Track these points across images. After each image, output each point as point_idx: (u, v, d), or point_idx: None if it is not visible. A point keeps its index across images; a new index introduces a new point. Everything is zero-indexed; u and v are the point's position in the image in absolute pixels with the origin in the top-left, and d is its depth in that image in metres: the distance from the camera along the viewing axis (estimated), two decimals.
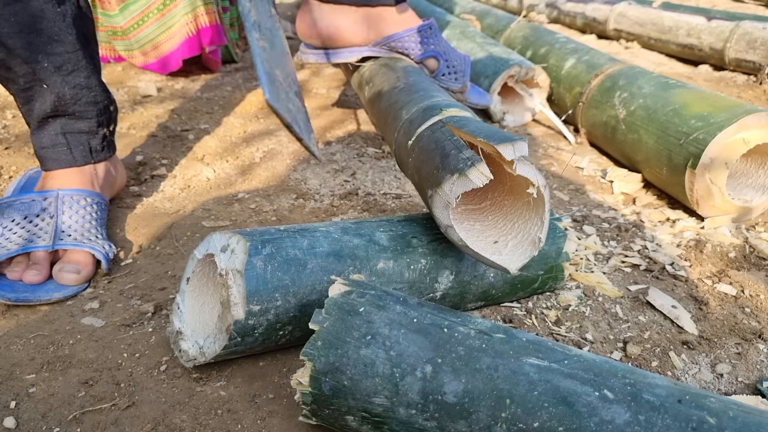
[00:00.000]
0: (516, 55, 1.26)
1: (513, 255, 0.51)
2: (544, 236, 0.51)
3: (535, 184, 0.49)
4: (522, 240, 0.52)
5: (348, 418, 0.41)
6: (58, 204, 0.68)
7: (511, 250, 0.51)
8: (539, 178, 0.49)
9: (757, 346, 0.57)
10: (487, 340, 0.40)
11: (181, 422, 0.47)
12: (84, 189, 0.72)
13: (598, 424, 0.35)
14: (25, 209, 0.68)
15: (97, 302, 0.62)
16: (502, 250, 0.51)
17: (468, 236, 0.51)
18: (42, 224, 0.67)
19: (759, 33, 1.48)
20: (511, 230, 0.53)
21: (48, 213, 0.68)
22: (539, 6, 2.50)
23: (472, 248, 0.50)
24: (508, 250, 0.51)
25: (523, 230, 0.52)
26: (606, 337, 0.59)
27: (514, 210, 0.54)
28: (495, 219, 0.55)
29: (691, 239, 0.77)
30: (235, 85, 1.47)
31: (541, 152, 1.07)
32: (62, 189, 0.70)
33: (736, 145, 0.76)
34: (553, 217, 0.62)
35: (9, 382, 0.51)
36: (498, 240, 0.52)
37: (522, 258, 0.51)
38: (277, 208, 0.83)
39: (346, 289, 0.44)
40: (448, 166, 0.49)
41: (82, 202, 0.70)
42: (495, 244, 0.52)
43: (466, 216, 0.56)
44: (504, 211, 0.55)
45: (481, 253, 0.50)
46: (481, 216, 0.56)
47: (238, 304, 0.47)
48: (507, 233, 0.53)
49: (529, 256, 0.51)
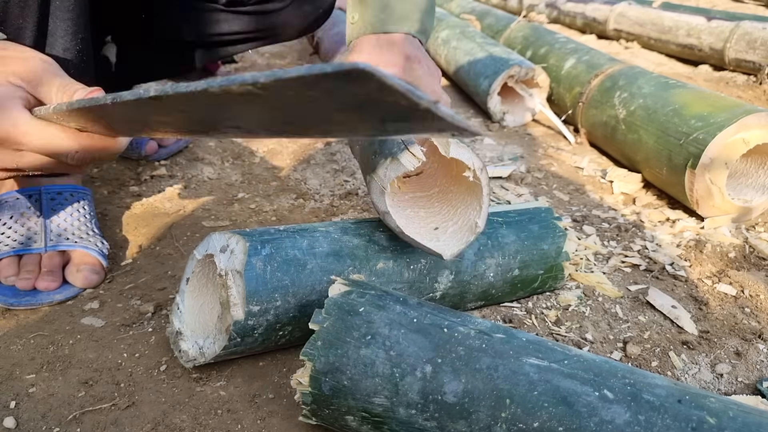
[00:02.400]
0: (516, 55, 1.26)
1: (451, 241, 0.50)
2: (482, 221, 0.50)
3: (470, 167, 0.48)
4: (462, 226, 0.51)
5: (348, 418, 0.41)
6: (45, 201, 0.66)
7: (450, 236, 0.51)
8: (475, 161, 0.48)
9: (757, 346, 0.57)
10: (487, 340, 0.40)
11: (181, 422, 0.47)
12: (68, 184, 0.70)
13: (598, 424, 0.35)
14: (9, 209, 0.65)
15: (97, 302, 0.62)
16: (441, 236, 0.51)
17: (408, 223, 0.50)
18: (29, 224, 0.65)
19: (759, 33, 1.48)
20: (453, 216, 0.52)
21: (34, 212, 0.66)
22: (539, 6, 2.50)
23: (408, 234, 0.49)
24: (447, 236, 0.51)
25: (463, 216, 0.51)
26: (606, 337, 0.59)
27: (459, 196, 0.53)
28: (440, 205, 0.54)
29: (691, 239, 0.77)
30: None
31: (541, 152, 1.07)
32: (47, 186, 0.68)
33: (736, 145, 0.76)
34: (553, 217, 0.63)
35: (9, 382, 0.51)
36: (439, 226, 0.52)
37: (459, 244, 0.50)
38: (277, 208, 0.83)
39: (346, 289, 0.44)
40: (383, 151, 0.48)
41: (70, 198, 0.68)
42: (435, 231, 0.51)
43: (413, 203, 0.55)
44: (449, 198, 0.54)
45: (417, 239, 0.49)
46: (428, 203, 0.55)
47: (238, 304, 0.47)
48: (449, 219, 0.52)
49: (466, 242, 0.50)
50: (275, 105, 0.27)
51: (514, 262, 0.59)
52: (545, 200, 0.88)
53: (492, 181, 0.94)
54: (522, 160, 1.02)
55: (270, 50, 1.93)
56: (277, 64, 1.73)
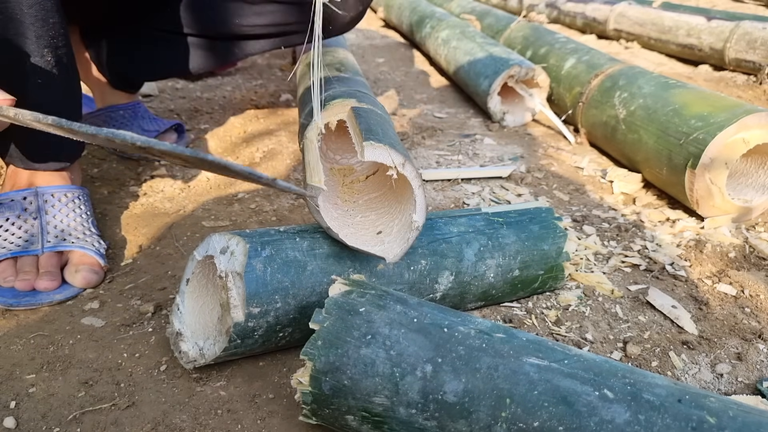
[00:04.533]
0: (516, 55, 1.26)
1: (394, 242, 0.49)
2: (419, 217, 0.48)
3: (390, 165, 0.47)
4: (403, 225, 0.50)
5: (348, 417, 0.41)
6: (40, 203, 0.66)
7: (394, 236, 0.50)
8: (395, 157, 0.47)
9: (757, 346, 0.57)
10: (487, 340, 0.40)
11: (181, 422, 0.47)
12: (63, 185, 0.69)
13: (598, 424, 0.35)
14: (5, 210, 0.65)
15: (97, 302, 0.62)
16: (386, 239, 0.50)
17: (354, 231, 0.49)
18: (26, 226, 0.65)
19: (759, 33, 1.48)
20: (396, 216, 0.51)
21: (30, 213, 0.65)
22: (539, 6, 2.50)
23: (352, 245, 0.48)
24: (391, 238, 0.50)
25: (404, 214, 0.50)
26: (606, 337, 0.59)
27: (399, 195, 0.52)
28: (388, 206, 0.53)
29: (691, 239, 0.77)
30: (235, 85, 1.47)
31: (541, 152, 1.07)
32: (41, 186, 0.68)
33: (736, 145, 0.76)
34: (553, 217, 0.63)
35: (9, 382, 0.51)
36: (383, 230, 0.51)
37: (402, 244, 0.49)
38: (277, 208, 0.83)
39: (346, 288, 0.44)
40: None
41: (64, 199, 0.68)
42: (379, 235, 0.50)
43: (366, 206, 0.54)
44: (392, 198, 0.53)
45: (361, 247, 0.48)
46: (380, 204, 0.54)
47: (238, 306, 0.47)
48: (393, 220, 0.51)
49: (407, 242, 0.49)
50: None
51: (515, 263, 0.59)
52: (545, 200, 0.88)
53: (492, 181, 0.94)
54: (522, 160, 1.02)
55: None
56: (276, 63, 1.73)
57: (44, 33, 0.61)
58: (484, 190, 0.90)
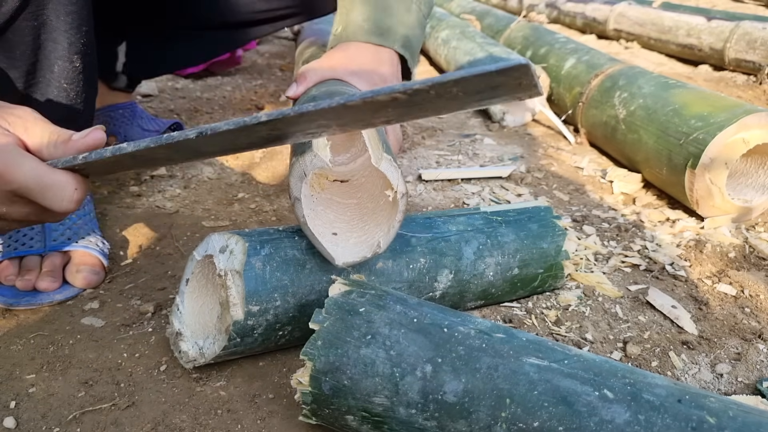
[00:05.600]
0: (516, 55, 1.26)
1: (348, 251, 0.49)
2: (385, 243, 0.49)
3: (394, 187, 0.47)
4: (364, 241, 0.50)
5: (348, 417, 0.41)
6: None
7: (350, 246, 0.49)
8: (400, 185, 0.47)
9: (756, 346, 0.57)
10: (487, 340, 0.40)
11: (181, 422, 0.47)
12: None
13: (598, 424, 0.35)
14: None
15: (97, 302, 0.62)
16: (339, 243, 0.49)
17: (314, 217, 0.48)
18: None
19: (759, 33, 1.48)
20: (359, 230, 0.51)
21: None
22: (539, 6, 2.50)
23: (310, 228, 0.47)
24: (347, 245, 0.49)
25: (369, 233, 0.50)
26: (606, 337, 0.59)
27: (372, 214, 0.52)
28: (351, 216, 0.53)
29: (691, 239, 0.77)
30: (235, 85, 1.47)
31: (541, 152, 1.07)
32: None
33: (736, 145, 0.76)
34: (552, 216, 0.63)
35: (9, 382, 0.51)
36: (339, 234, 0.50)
37: (354, 256, 0.49)
38: (277, 208, 0.83)
39: (346, 288, 0.44)
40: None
41: None
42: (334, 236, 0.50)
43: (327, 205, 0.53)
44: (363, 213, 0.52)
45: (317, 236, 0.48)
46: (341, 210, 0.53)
47: (237, 304, 0.47)
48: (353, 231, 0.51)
49: (361, 258, 0.49)
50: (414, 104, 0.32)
51: (514, 261, 0.59)
52: (545, 200, 0.88)
53: (492, 181, 0.94)
54: (522, 160, 1.02)
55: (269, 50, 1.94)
56: (276, 63, 1.73)
57: (77, 40, 0.61)
58: (484, 190, 0.90)
